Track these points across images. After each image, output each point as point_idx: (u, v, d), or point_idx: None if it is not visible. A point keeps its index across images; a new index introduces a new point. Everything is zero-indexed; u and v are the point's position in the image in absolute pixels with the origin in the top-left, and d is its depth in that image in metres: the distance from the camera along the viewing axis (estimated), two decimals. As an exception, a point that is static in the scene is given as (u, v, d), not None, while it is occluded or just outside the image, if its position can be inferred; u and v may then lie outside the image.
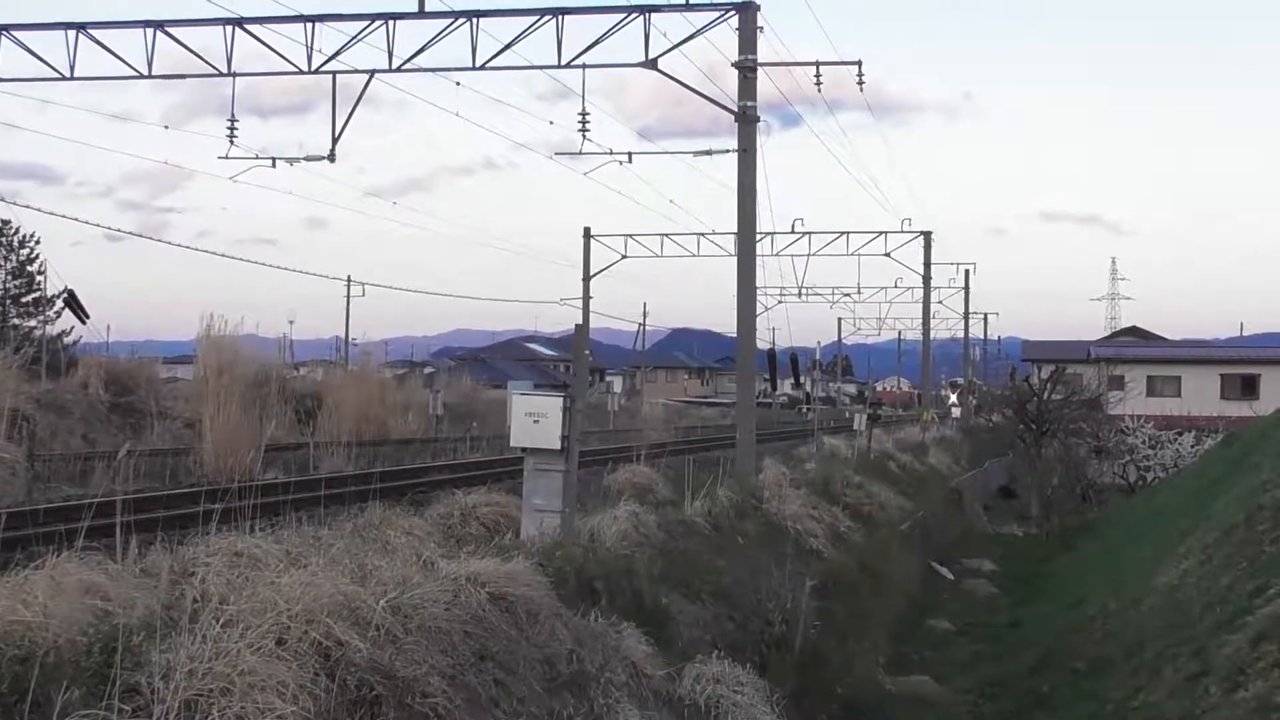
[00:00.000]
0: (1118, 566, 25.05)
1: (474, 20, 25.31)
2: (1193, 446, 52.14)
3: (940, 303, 74.41)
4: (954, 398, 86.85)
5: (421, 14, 25.58)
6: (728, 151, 25.96)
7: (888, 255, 59.28)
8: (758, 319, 27.75)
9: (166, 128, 33.29)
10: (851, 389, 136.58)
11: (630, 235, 57.86)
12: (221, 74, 26.70)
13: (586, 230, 59.15)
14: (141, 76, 26.50)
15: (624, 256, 58.18)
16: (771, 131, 48.68)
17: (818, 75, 29.81)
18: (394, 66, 26.04)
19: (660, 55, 24.65)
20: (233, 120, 27.86)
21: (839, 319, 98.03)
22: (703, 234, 55.50)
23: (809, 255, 58.06)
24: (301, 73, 26.31)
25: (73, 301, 37.25)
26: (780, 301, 67.39)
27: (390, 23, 25.77)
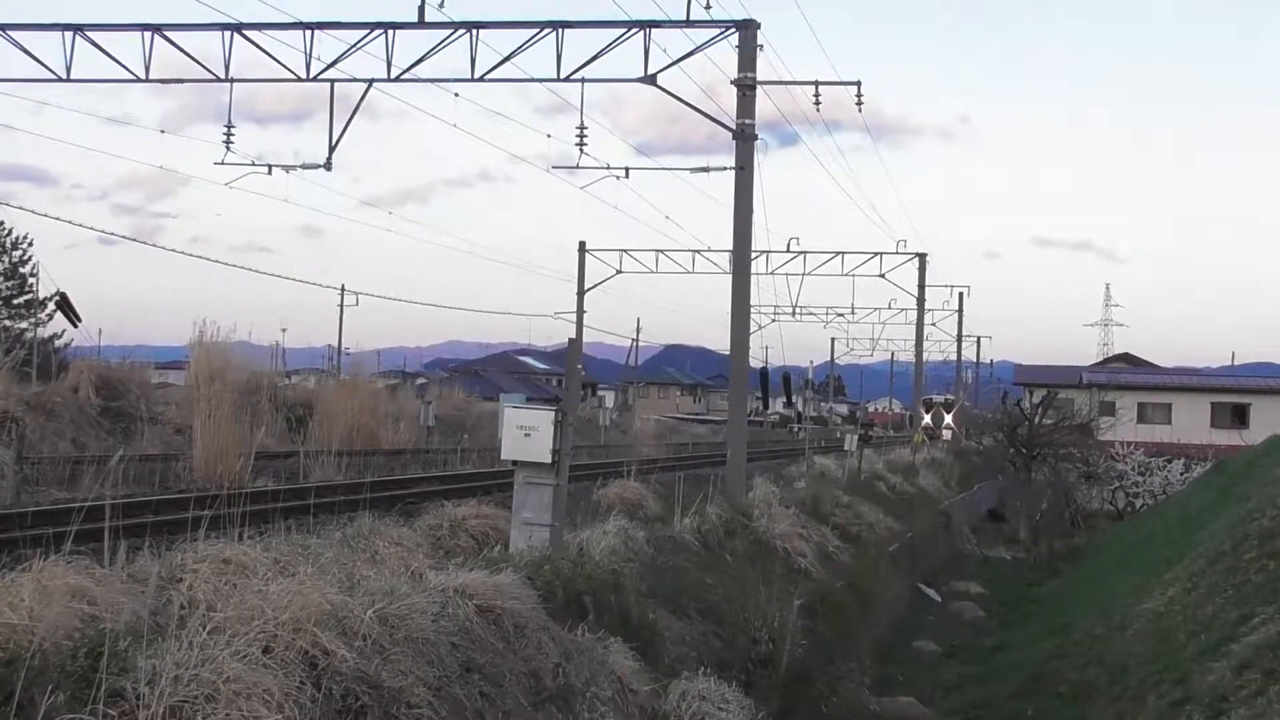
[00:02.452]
0: (1104, 592, 25.08)
1: (474, 32, 25.35)
2: (1182, 474, 52.19)
3: (934, 325, 74.56)
4: (928, 418, 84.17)
5: (421, 24, 25.60)
6: (725, 169, 26.06)
7: (882, 276, 59.47)
8: (751, 337, 27.83)
9: (163, 132, 33.29)
10: (843, 409, 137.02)
11: (625, 250, 58.00)
12: (219, 79, 26.71)
13: (582, 244, 59.26)
14: (138, 80, 26.48)
15: (619, 271, 58.32)
16: (769, 150, 48.84)
17: (817, 95, 29.86)
18: (392, 76, 26.07)
19: (659, 71, 24.72)
20: (229, 126, 27.86)
21: (832, 339, 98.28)
22: (698, 251, 55.69)
23: (804, 274, 58.27)
24: (300, 80, 26.33)
25: (65, 304, 37.21)
26: (774, 320, 67.43)
27: (389, 32, 25.79)
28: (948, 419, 76.54)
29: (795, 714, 14.41)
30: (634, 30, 24.65)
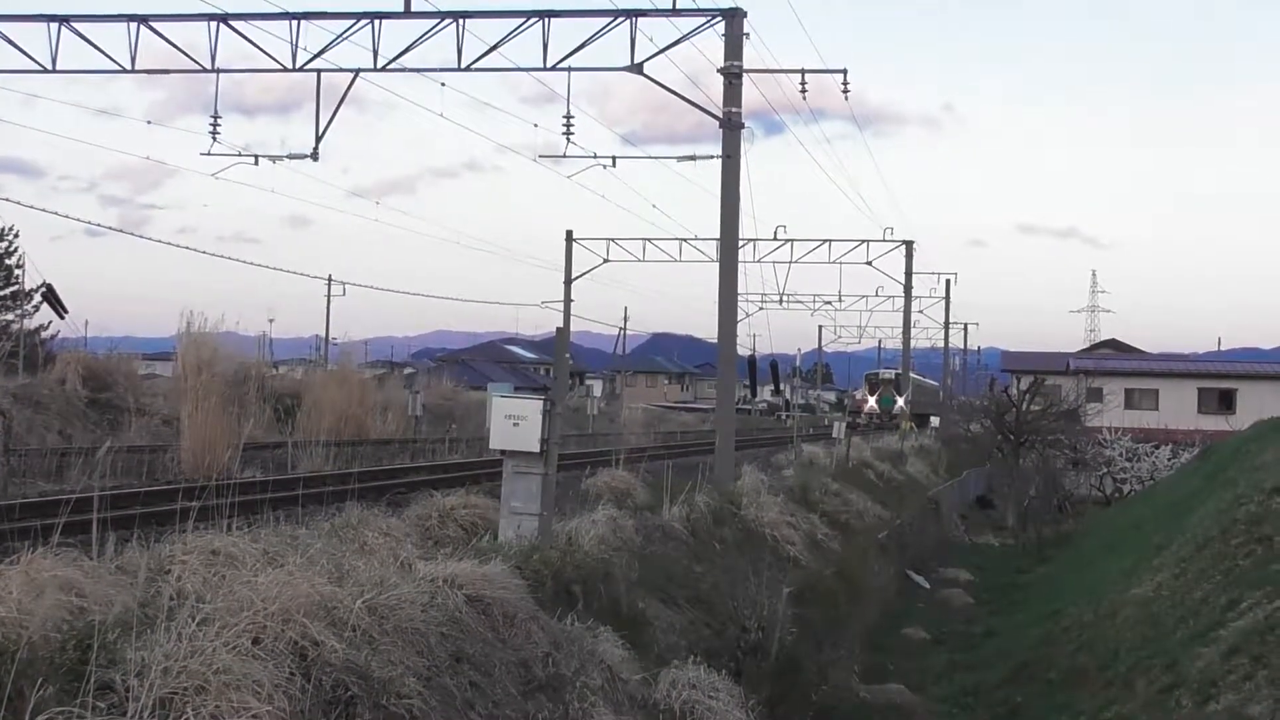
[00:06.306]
0: (1093, 578, 25.14)
1: (460, 21, 25.27)
2: (1169, 460, 52.37)
3: (921, 312, 74.45)
4: (873, 400, 79.59)
5: (407, 14, 25.52)
6: (712, 157, 25.98)
7: (869, 264, 59.37)
8: (739, 325, 27.79)
9: (150, 123, 33.25)
10: (831, 396, 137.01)
11: (612, 239, 57.77)
12: (205, 70, 26.60)
13: (569, 233, 59.10)
14: (124, 71, 26.35)
15: (606, 260, 58.13)
16: (755, 138, 48.84)
17: (803, 82, 29.84)
18: (379, 66, 25.97)
19: (646, 60, 24.65)
20: (216, 117, 27.79)
21: (820, 327, 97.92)
22: (685, 239, 55.46)
23: (791, 262, 58.10)
24: (286, 70, 26.21)
25: (51, 296, 37.10)
26: (761, 308, 67.35)
27: (376, 22, 25.70)
28: (900, 402, 73.77)
29: (785, 702, 14.42)
30: (620, 19, 24.59)
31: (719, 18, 24.35)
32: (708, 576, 15.67)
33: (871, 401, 78.38)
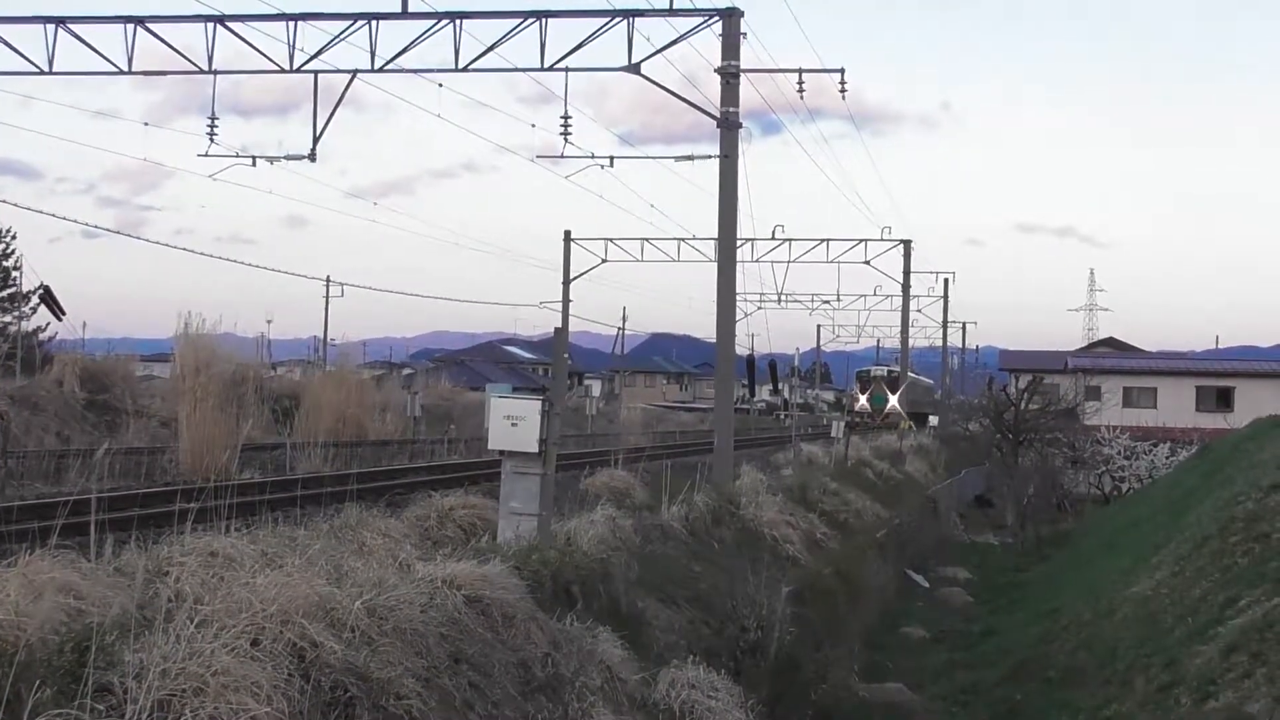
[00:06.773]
0: (1092, 576, 25.13)
1: (457, 21, 25.28)
2: (1167, 458, 52.32)
3: (919, 311, 74.54)
4: (864, 399, 79.09)
5: (404, 14, 25.53)
6: (709, 157, 26.01)
7: (867, 263, 59.46)
8: (737, 325, 27.82)
9: (147, 125, 33.08)
10: (830, 396, 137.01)
11: (611, 239, 57.80)
12: (202, 71, 26.60)
13: (567, 234, 59.11)
14: (121, 73, 26.35)
15: (604, 260, 58.14)
16: (753, 138, 48.69)
17: (800, 82, 29.91)
18: (376, 67, 26.00)
19: (643, 60, 24.69)
20: (213, 118, 27.79)
21: (818, 326, 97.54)
22: (683, 239, 55.46)
23: (789, 262, 58.25)
24: (283, 71, 26.23)
25: (49, 298, 37.11)
26: (760, 308, 67.43)
27: (373, 22, 25.71)
28: (893, 400, 73.19)
29: (785, 701, 14.42)
30: (617, 19, 24.61)
31: (716, 17, 24.38)
32: (707, 576, 15.67)
33: (863, 400, 78.14)
